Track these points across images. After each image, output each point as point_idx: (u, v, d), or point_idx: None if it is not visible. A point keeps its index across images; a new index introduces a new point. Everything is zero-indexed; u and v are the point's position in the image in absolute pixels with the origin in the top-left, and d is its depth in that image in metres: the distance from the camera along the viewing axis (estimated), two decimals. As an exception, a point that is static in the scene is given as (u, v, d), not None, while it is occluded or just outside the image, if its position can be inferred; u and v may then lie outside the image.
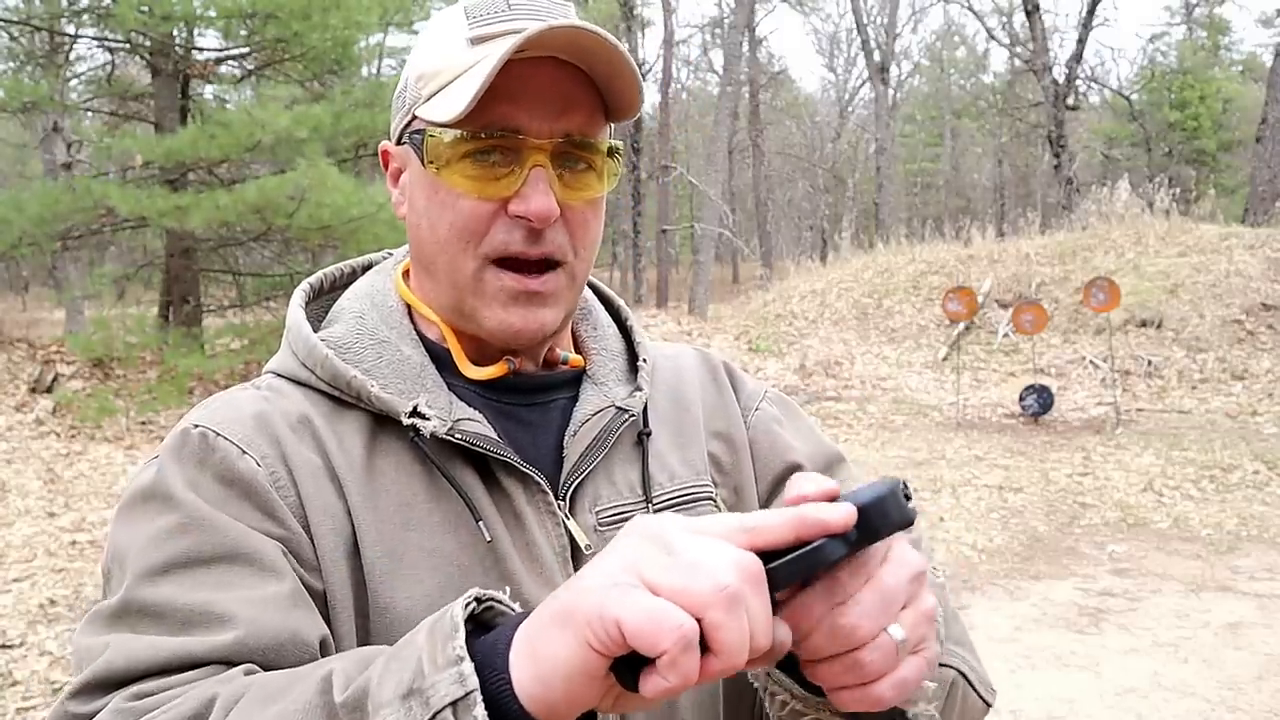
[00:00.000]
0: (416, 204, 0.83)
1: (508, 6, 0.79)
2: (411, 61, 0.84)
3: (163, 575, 0.70)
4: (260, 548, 0.72)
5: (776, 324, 13.76)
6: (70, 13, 10.40)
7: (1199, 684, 3.99)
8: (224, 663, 0.66)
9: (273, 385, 0.84)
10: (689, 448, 0.92)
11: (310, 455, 0.78)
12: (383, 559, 0.76)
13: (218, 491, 0.74)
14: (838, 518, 0.54)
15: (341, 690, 0.57)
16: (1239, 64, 35.51)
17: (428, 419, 0.78)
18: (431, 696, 0.53)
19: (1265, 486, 7.01)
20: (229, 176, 9.92)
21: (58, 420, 8.21)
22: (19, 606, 4.82)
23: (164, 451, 0.77)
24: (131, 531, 0.73)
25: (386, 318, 0.86)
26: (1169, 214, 14.45)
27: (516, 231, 0.78)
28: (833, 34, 47.48)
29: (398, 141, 0.86)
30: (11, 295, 23.39)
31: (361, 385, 0.80)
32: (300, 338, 0.84)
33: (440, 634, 0.56)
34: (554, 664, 0.52)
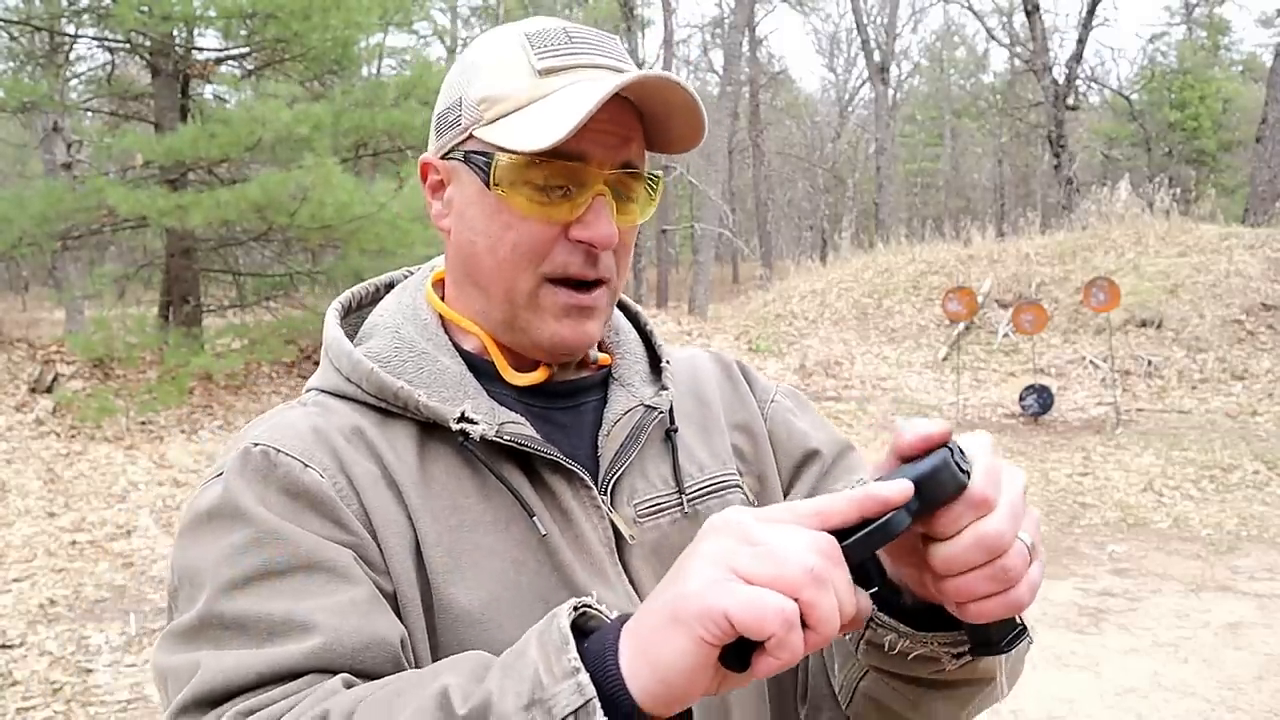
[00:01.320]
0: (473, 222, 0.86)
1: (568, 39, 0.84)
2: (467, 81, 0.86)
3: (241, 589, 0.72)
4: (334, 556, 0.75)
5: (776, 324, 13.76)
6: (70, 13, 10.39)
7: (1199, 684, 3.99)
8: (317, 671, 0.69)
9: (319, 401, 0.87)
10: (713, 440, 0.98)
11: (368, 465, 0.81)
12: (444, 558, 0.80)
13: (285, 505, 0.77)
14: (897, 494, 0.60)
15: (462, 704, 0.59)
16: (1239, 64, 35.51)
17: (476, 423, 0.82)
18: (553, 707, 0.57)
19: (1265, 486, 7.01)
20: (229, 176, 9.91)
21: (58, 420, 8.21)
22: (19, 606, 4.82)
23: (228, 471, 0.79)
24: (201, 549, 0.75)
25: (422, 330, 0.89)
26: (1169, 214, 14.44)
27: (576, 255, 0.83)
28: (833, 34, 47.51)
29: (443, 156, 0.88)
30: (11, 295, 23.39)
31: (409, 395, 0.84)
32: (343, 353, 0.88)
33: (551, 646, 0.60)
34: (672, 662, 0.57)
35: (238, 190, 8.54)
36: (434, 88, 10.65)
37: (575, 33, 0.85)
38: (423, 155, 0.92)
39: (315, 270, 11.24)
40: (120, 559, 5.58)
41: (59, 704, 3.86)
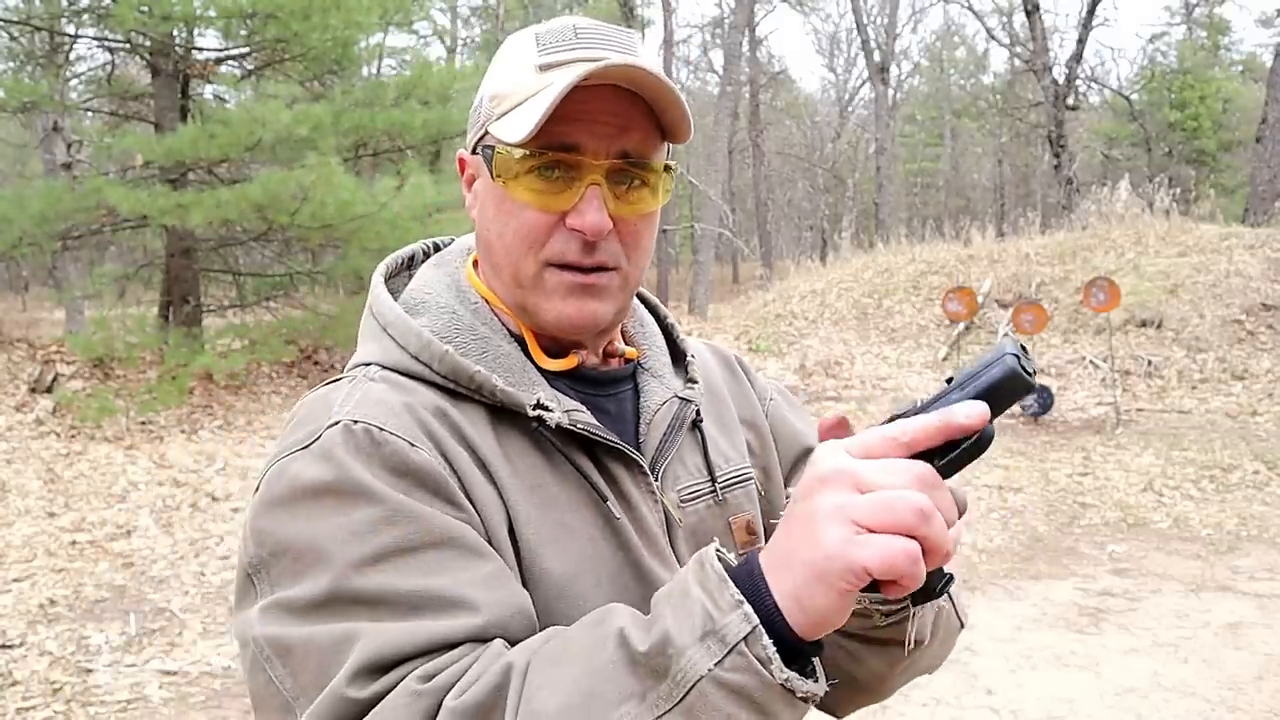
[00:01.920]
0: (486, 211, 0.91)
1: (575, 35, 0.87)
2: (487, 80, 0.92)
3: (374, 565, 0.74)
4: (463, 532, 0.78)
5: (776, 324, 13.76)
6: (70, 13, 10.39)
7: (1199, 684, 3.99)
8: (475, 640, 0.73)
9: (387, 379, 0.87)
10: (731, 434, 1.05)
11: (457, 445, 0.83)
12: (534, 535, 0.84)
13: (398, 484, 0.78)
14: (977, 420, 0.66)
15: (642, 642, 0.66)
16: (1239, 64, 35.50)
17: (551, 410, 0.86)
18: (726, 634, 0.65)
19: (1265, 486, 7.01)
20: (229, 176, 9.91)
21: (58, 420, 8.21)
22: (19, 606, 4.82)
23: (331, 446, 0.79)
24: (315, 524, 0.76)
25: (476, 313, 0.92)
26: (1169, 214, 14.44)
27: (573, 242, 0.87)
28: (833, 34, 47.52)
29: (472, 151, 0.94)
30: (11, 295, 23.39)
31: (485, 379, 0.86)
32: (411, 331, 0.88)
33: (712, 585, 0.67)
34: (820, 610, 0.65)
35: (238, 190, 8.54)
36: (434, 88, 10.70)
37: (584, 29, 0.88)
38: (459, 151, 0.97)
39: (315, 270, 11.24)
40: (120, 559, 5.58)
41: (59, 704, 3.86)
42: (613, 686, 0.66)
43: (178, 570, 5.43)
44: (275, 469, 0.81)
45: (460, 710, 0.67)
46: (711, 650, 0.65)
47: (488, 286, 0.95)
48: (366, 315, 0.95)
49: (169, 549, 5.77)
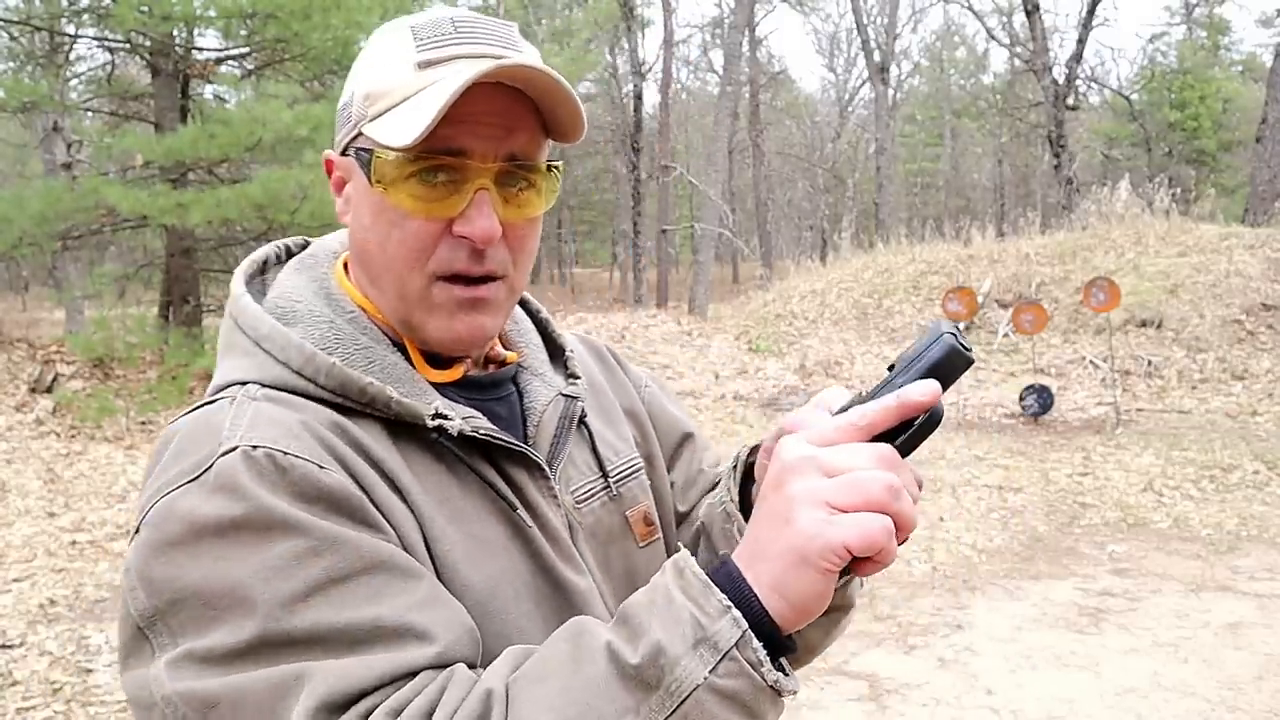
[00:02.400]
0: (362, 218, 0.84)
1: (453, 30, 0.82)
2: (357, 76, 0.85)
3: (305, 601, 0.68)
4: (392, 554, 0.73)
5: (776, 324, 13.75)
6: (70, 13, 10.40)
7: (1199, 684, 3.99)
8: (434, 667, 0.69)
9: (272, 397, 0.79)
10: (617, 426, 1.04)
11: (363, 462, 0.77)
12: (450, 550, 0.80)
13: (311, 510, 0.71)
14: (930, 397, 0.69)
15: (634, 654, 0.65)
16: (1239, 64, 35.51)
17: (451, 419, 0.81)
18: (718, 641, 0.65)
19: (1265, 486, 7.01)
20: (229, 176, 9.91)
21: (58, 420, 8.21)
22: (19, 606, 4.82)
23: (230, 476, 0.71)
24: (227, 566, 0.68)
25: (354, 322, 0.86)
26: (1169, 214, 14.44)
27: (460, 250, 0.82)
28: (833, 34, 47.53)
29: (342, 152, 0.87)
30: (11, 295, 23.40)
31: (379, 391, 0.80)
32: (290, 344, 0.81)
33: (696, 591, 0.67)
34: (804, 595, 0.66)
35: (238, 189, 8.54)
36: (434, 88, 10.68)
37: (462, 22, 0.83)
38: (325, 151, 0.90)
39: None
40: (120, 559, 5.58)
41: (59, 704, 3.86)
42: (607, 702, 0.65)
43: (178, 570, 5.43)
44: (160, 507, 0.72)
45: None
46: (705, 658, 0.64)
47: (364, 294, 0.88)
48: (230, 328, 0.86)
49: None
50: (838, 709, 3.88)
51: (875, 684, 4.08)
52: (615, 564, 0.95)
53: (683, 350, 13.06)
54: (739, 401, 10.92)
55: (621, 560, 0.96)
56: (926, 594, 5.10)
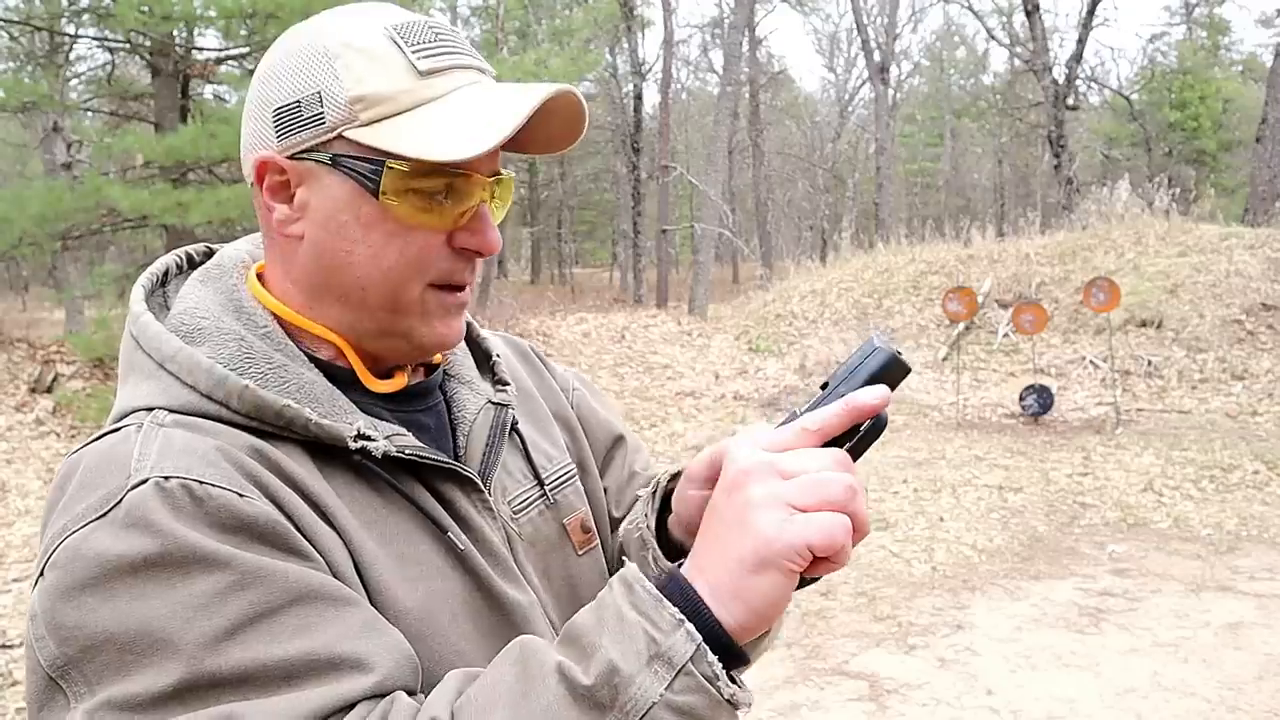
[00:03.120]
0: (344, 229, 0.79)
1: (434, 37, 0.80)
2: (326, 73, 0.78)
3: (231, 639, 0.64)
4: (322, 582, 0.69)
5: (776, 324, 13.76)
6: (70, 13, 10.40)
7: (1199, 684, 3.99)
8: (371, 698, 0.67)
9: (181, 423, 0.74)
10: (547, 430, 1.02)
11: (285, 487, 0.74)
12: (381, 575, 0.76)
13: (232, 542, 0.67)
14: (879, 401, 0.70)
15: (586, 674, 0.64)
16: (1239, 64, 35.53)
17: (374, 440, 0.78)
18: (673, 656, 0.64)
19: (1265, 486, 7.01)
20: (229, 176, 9.91)
21: (58, 420, 8.21)
22: (19, 607, 4.83)
23: (145, 511, 0.66)
24: (144, 606, 0.64)
25: (267, 338, 0.81)
26: (1169, 214, 14.45)
27: (460, 262, 0.83)
28: (833, 34, 47.47)
29: (294, 156, 0.79)
30: (11, 295, 23.39)
31: (296, 414, 0.76)
32: (198, 367, 0.76)
33: (647, 606, 0.66)
34: (768, 598, 0.66)
35: (238, 188, 8.54)
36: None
37: (438, 29, 0.81)
38: (259, 153, 0.81)
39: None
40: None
41: (59, 704, 3.87)
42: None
43: (178, 570, 5.44)
44: (67, 547, 0.66)
45: None
46: (660, 674, 0.63)
47: (295, 307, 0.84)
48: (130, 348, 0.80)
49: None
50: (838, 709, 3.88)
51: (875, 684, 4.08)
52: (555, 574, 0.94)
53: (683, 350, 13.06)
54: (739, 401, 10.92)
55: (561, 570, 0.94)
56: (926, 594, 5.10)
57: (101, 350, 8.87)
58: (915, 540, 5.94)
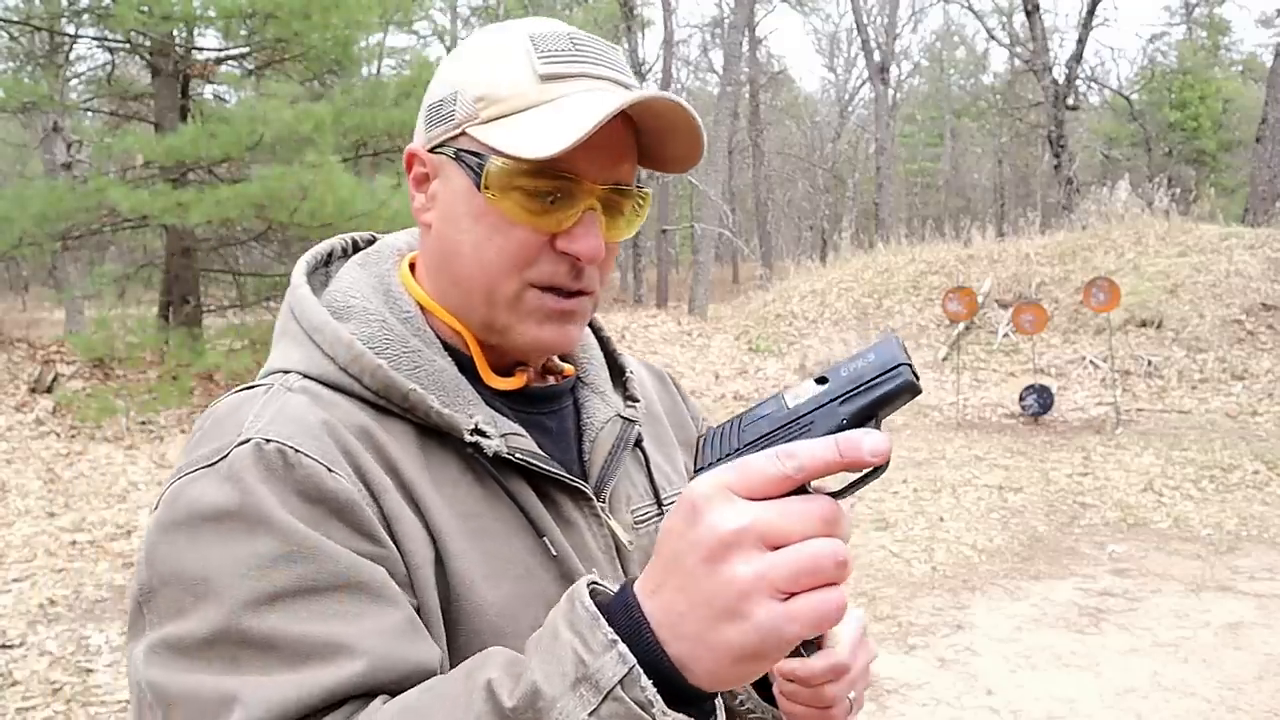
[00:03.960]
0: (458, 220, 0.84)
1: (572, 46, 0.83)
2: (464, 74, 0.84)
3: (270, 605, 0.67)
4: (371, 575, 0.71)
5: (776, 324, 13.76)
6: (70, 13, 10.40)
7: (1199, 684, 3.99)
8: (362, 696, 0.67)
9: (309, 389, 0.80)
10: (671, 455, 1.03)
11: (380, 470, 0.77)
12: (466, 568, 0.78)
13: (309, 513, 0.71)
14: (880, 455, 0.58)
15: (510, 698, 0.60)
16: (1239, 64, 35.53)
17: (489, 437, 0.81)
18: (600, 679, 0.58)
19: (1265, 486, 7.01)
20: (229, 176, 9.91)
21: (58, 420, 8.21)
22: (19, 607, 4.82)
23: (238, 468, 0.72)
24: (208, 553, 0.69)
25: (408, 323, 0.85)
26: (1169, 214, 14.45)
27: (562, 265, 0.83)
28: (833, 34, 47.48)
29: (432, 149, 0.85)
30: (11, 295, 23.39)
31: (420, 400, 0.80)
32: (339, 341, 0.81)
33: (583, 625, 0.60)
34: (743, 678, 0.59)
35: (238, 188, 8.55)
36: (434, 88, 10.71)
37: (579, 40, 0.84)
38: (409, 145, 0.88)
39: (316, 270, 11.23)
40: (120, 559, 5.58)
41: (59, 704, 3.86)
42: None
43: (178, 570, 5.43)
44: (176, 488, 0.74)
45: None
46: (585, 699, 0.58)
47: (437, 296, 0.88)
48: (286, 316, 0.87)
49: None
50: (838, 709, 3.87)
51: (875, 684, 4.08)
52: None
53: (683, 350, 13.07)
54: (739, 401, 10.92)
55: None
56: (926, 594, 5.10)
57: (101, 350, 8.87)
58: (915, 540, 5.94)
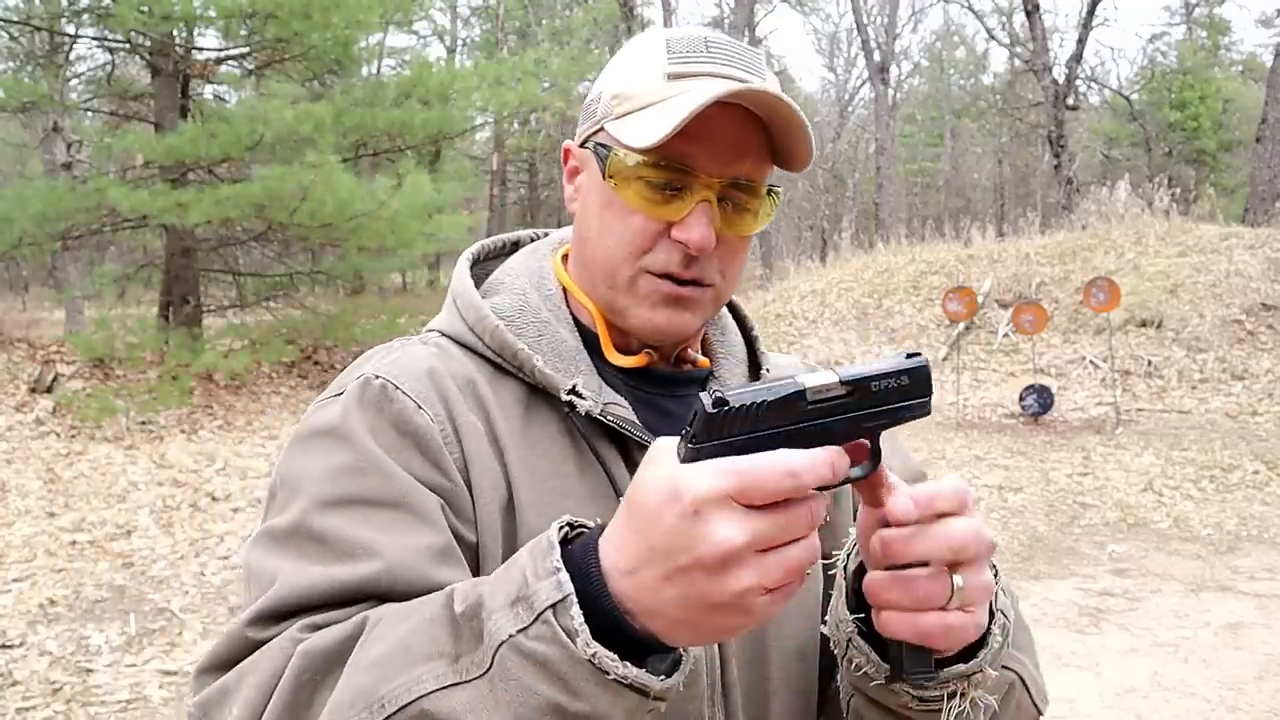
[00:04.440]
0: (590, 207, 0.92)
1: (705, 48, 0.87)
2: (609, 75, 0.92)
3: (334, 507, 0.78)
4: (424, 501, 0.79)
5: (776, 324, 13.76)
6: (70, 13, 10.39)
7: (1199, 684, 3.99)
8: (378, 598, 0.74)
9: (440, 344, 0.93)
10: None
11: (473, 417, 0.86)
12: (535, 519, 0.83)
13: (394, 440, 0.82)
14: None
15: (461, 603, 0.66)
16: (1239, 64, 35.52)
17: (584, 398, 0.87)
18: (534, 601, 0.62)
19: (1265, 486, 7.01)
20: (229, 176, 9.91)
21: (58, 420, 8.21)
22: (19, 606, 4.82)
23: (347, 396, 0.85)
24: (307, 461, 0.82)
25: (547, 300, 0.94)
26: (1169, 214, 14.45)
27: (675, 254, 0.87)
28: (833, 34, 47.45)
29: (581, 144, 0.93)
30: (11, 295, 23.37)
31: (528, 358, 0.89)
32: (472, 305, 0.93)
33: (539, 551, 0.64)
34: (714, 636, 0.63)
35: (238, 188, 8.55)
36: (434, 88, 10.70)
37: (715, 42, 0.88)
38: (565, 141, 0.98)
39: (315, 270, 11.25)
40: (120, 559, 5.58)
41: (59, 704, 3.86)
42: (426, 642, 0.65)
43: (178, 570, 5.43)
44: (312, 407, 0.88)
45: (309, 653, 0.69)
46: (519, 616, 0.62)
47: (576, 277, 0.96)
48: (451, 289, 0.99)
49: (169, 549, 5.77)
50: (838, 709, 3.87)
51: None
52: None
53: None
54: (739, 401, 10.92)
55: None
56: (926, 594, 5.10)
57: (101, 350, 8.87)
58: (915, 540, 5.94)
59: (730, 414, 0.59)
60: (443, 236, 10.62)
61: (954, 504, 0.68)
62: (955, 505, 0.68)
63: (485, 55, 22.26)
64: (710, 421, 0.59)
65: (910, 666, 0.70)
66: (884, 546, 0.68)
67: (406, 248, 9.93)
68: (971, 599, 0.69)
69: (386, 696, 0.64)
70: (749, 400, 0.60)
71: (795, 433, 0.61)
